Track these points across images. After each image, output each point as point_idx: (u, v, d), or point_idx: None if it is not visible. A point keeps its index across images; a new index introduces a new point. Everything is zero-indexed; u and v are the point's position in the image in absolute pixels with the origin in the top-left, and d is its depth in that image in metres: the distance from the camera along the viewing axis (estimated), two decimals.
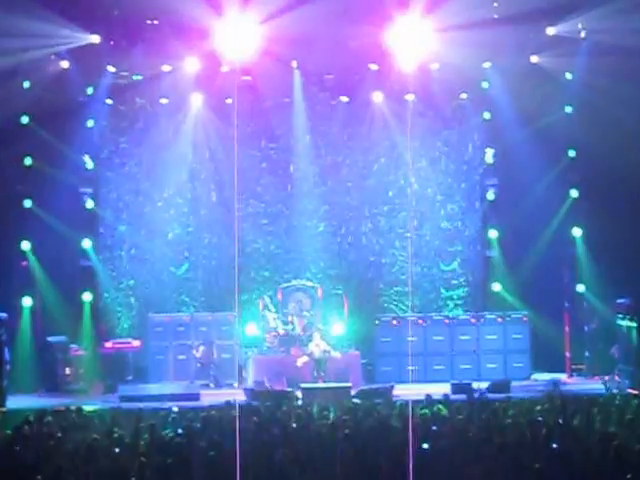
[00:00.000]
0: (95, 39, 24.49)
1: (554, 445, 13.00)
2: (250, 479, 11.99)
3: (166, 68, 25.48)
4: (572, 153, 25.53)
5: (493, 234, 26.44)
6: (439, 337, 24.93)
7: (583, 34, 24.42)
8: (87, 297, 25.56)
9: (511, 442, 13.17)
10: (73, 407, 17.87)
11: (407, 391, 21.03)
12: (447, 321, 25.18)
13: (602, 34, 23.78)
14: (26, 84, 24.64)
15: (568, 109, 25.49)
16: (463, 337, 24.83)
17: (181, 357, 24.81)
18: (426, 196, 26.87)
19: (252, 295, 26.24)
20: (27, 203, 25.00)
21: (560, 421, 14.67)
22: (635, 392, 20.95)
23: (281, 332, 24.50)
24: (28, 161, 25.02)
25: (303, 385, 21.92)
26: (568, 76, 25.34)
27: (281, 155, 26.88)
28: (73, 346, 24.72)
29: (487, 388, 21.20)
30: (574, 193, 25.61)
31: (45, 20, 23.46)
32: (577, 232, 25.60)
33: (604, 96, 23.82)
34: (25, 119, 24.87)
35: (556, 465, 12.18)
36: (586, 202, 25.31)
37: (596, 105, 24.15)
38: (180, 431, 14.50)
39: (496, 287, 26.19)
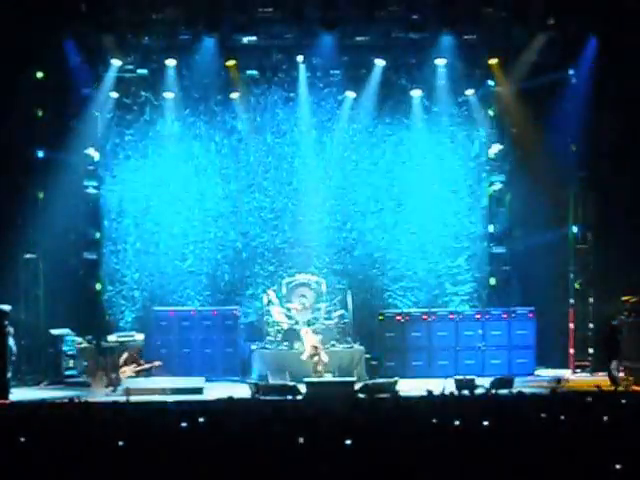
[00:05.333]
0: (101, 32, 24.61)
1: (556, 441, 12.95)
2: (254, 473, 11.94)
3: (171, 62, 25.50)
4: (578, 148, 25.50)
5: (499, 230, 26.42)
6: (443, 332, 24.92)
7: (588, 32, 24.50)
8: (91, 290, 25.61)
9: (514, 438, 13.11)
10: (76, 400, 17.85)
11: (411, 386, 21.00)
12: (452, 316, 25.14)
13: (606, 31, 23.90)
14: (33, 76, 24.72)
15: (572, 105, 25.47)
16: (468, 333, 24.78)
17: (185, 351, 24.85)
18: (432, 192, 26.82)
19: (257, 289, 26.27)
20: (33, 195, 25.02)
21: (562, 417, 14.61)
22: None
23: (285, 326, 24.50)
24: (34, 153, 25.06)
25: (307, 379, 21.91)
26: (571, 72, 25.38)
27: (287, 149, 26.87)
28: (77, 339, 24.77)
29: (490, 384, 21.17)
30: (580, 189, 25.58)
31: (52, 13, 23.63)
32: (583, 228, 25.56)
33: (607, 92, 23.88)
34: (33, 110, 24.95)
35: (559, 461, 12.12)
36: (592, 198, 25.26)
37: (599, 101, 24.17)
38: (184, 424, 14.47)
39: (501, 283, 26.19)
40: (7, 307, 22.53)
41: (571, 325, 25.46)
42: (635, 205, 24.53)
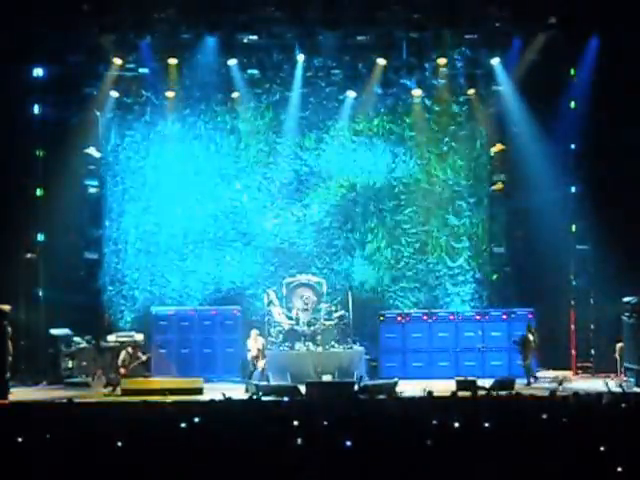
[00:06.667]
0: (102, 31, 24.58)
1: (557, 444, 12.89)
2: (253, 474, 11.89)
3: (172, 61, 25.47)
4: (579, 148, 25.44)
5: (500, 230, 26.38)
6: (444, 333, 24.87)
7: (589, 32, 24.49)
8: (91, 290, 25.55)
9: (514, 440, 13.06)
10: (75, 400, 17.81)
11: (411, 387, 20.94)
12: (452, 317, 25.09)
13: (607, 31, 23.91)
14: (34, 75, 24.70)
15: (573, 105, 25.45)
16: (468, 334, 24.70)
17: (184, 351, 24.80)
18: (433, 192, 26.76)
19: (257, 289, 26.20)
20: (34, 195, 24.99)
21: (564, 420, 14.56)
22: None
23: (286, 327, 24.43)
24: (35, 152, 25.04)
25: (307, 380, 21.85)
26: (572, 72, 25.36)
27: (288, 149, 26.80)
28: (76, 339, 24.72)
29: (491, 386, 21.15)
30: (582, 189, 25.52)
31: (54, 12, 23.65)
32: (584, 229, 25.50)
33: (608, 92, 23.88)
34: (35, 109, 24.91)
35: (558, 464, 12.07)
36: (594, 198, 25.17)
37: (599, 101, 24.15)
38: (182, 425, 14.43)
39: (501, 284, 26.15)
40: (7, 307, 22.49)
41: (572, 326, 25.40)
42: (635, 205, 24.45)
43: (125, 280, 26.38)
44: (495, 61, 25.65)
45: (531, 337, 23.39)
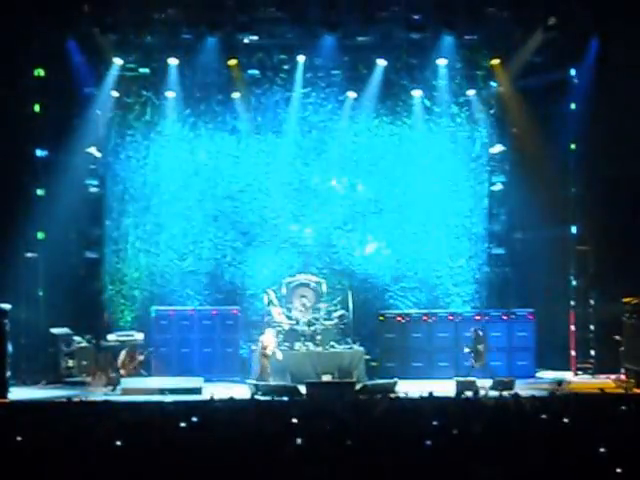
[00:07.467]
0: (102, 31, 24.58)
1: (557, 445, 12.89)
2: (253, 474, 11.89)
3: (173, 61, 25.48)
4: (578, 148, 25.44)
5: (500, 230, 26.38)
6: (444, 334, 24.87)
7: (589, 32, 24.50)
8: (91, 289, 25.54)
9: (514, 441, 13.05)
10: (75, 399, 17.81)
11: (411, 387, 20.93)
12: (451, 318, 25.08)
13: (606, 31, 23.92)
14: (35, 75, 24.72)
15: (573, 105, 25.46)
16: (468, 334, 24.69)
17: (184, 351, 24.80)
18: (433, 192, 26.77)
19: (257, 289, 26.20)
20: (34, 194, 25.00)
21: (565, 420, 14.55)
22: None
23: (286, 327, 24.42)
24: (35, 152, 25.03)
25: (307, 380, 21.84)
26: (572, 73, 25.36)
27: (287, 149, 26.80)
28: (76, 338, 24.72)
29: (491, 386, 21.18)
30: (581, 189, 25.52)
31: (55, 12, 23.67)
32: (584, 229, 25.50)
33: (608, 92, 23.88)
34: (35, 108, 24.93)
35: (558, 465, 12.06)
36: (594, 199, 25.19)
37: (600, 101, 24.16)
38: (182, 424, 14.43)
39: (501, 284, 26.15)
40: (7, 306, 22.49)
41: (572, 327, 25.39)
42: (635, 206, 24.46)
43: (125, 280, 26.38)
44: (495, 61, 25.66)
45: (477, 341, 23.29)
